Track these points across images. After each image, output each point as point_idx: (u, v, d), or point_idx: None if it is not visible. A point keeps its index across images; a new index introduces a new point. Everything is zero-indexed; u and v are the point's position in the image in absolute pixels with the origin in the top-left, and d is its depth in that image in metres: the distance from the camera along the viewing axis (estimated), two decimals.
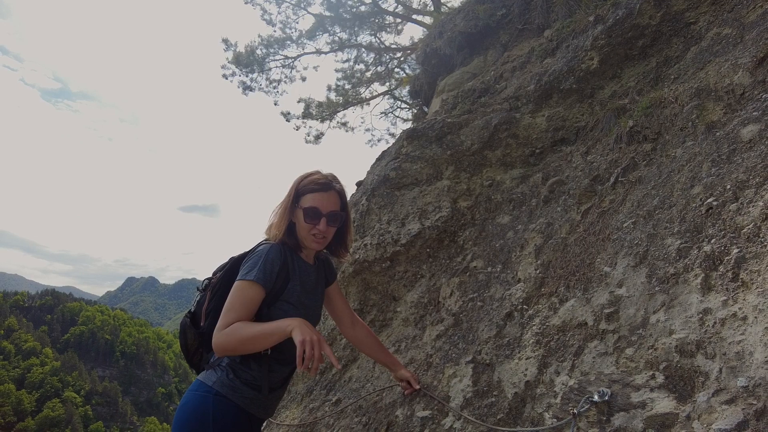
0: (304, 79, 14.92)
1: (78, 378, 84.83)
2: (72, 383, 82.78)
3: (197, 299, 2.00)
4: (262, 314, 1.84)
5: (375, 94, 15.68)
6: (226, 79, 14.00)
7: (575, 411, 1.92)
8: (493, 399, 2.49)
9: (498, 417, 2.36)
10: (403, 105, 15.84)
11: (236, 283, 1.82)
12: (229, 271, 1.95)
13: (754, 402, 1.45)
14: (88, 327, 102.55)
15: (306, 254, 2.04)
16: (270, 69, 14.33)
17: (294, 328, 1.68)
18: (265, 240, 1.98)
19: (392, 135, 16.22)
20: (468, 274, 3.52)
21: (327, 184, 1.95)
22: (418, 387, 2.41)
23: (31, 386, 76.54)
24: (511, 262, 3.28)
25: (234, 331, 1.71)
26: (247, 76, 14.03)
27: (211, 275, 2.05)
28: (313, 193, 1.93)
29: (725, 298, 1.79)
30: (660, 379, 1.84)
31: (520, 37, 5.63)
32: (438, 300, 3.63)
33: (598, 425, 1.89)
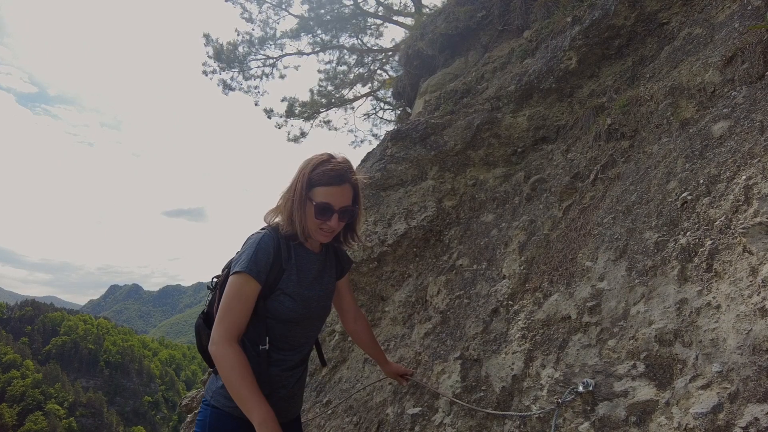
0: (283, 77, 14.84)
1: (61, 390, 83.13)
2: (55, 395, 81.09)
3: (209, 299, 1.92)
4: (258, 307, 1.74)
5: (358, 95, 15.74)
6: (206, 75, 13.85)
7: (559, 400, 1.98)
8: (482, 393, 2.55)
9: (487, 410, 2.41)
10: (386, 106, 15.92)
11: (230, 278, 1.73)
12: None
13: (728, 386, 1.53)
14: (70, 337, 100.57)
15: (311, 243, 1.91)
16: (251, 68, 14.30)
17: (262, 429, 1.55)
18: (262, 228, 1.85)
19: (375, 136, 16.29)
20: (454, 272, 3.57)
21: (342, 176, 1.78)
22: (411, 374, 2.45)
23: (12, 400, 74.75)
24: (495, 259, 3.34)
25: (229, 367, 1.62)
26: (227, 73, 13.94)
27: (220, 273, 1.95)
28: (326, 187, 1.76)
29: (700, 288, 1.87)
30: (641, 368, 1.91)
31: (500, 38, 5.72)
32: (425, 298, 3.68)
33: (584, 415, 1.95)
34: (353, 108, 15.79)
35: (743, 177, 1.97)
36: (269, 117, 14.81)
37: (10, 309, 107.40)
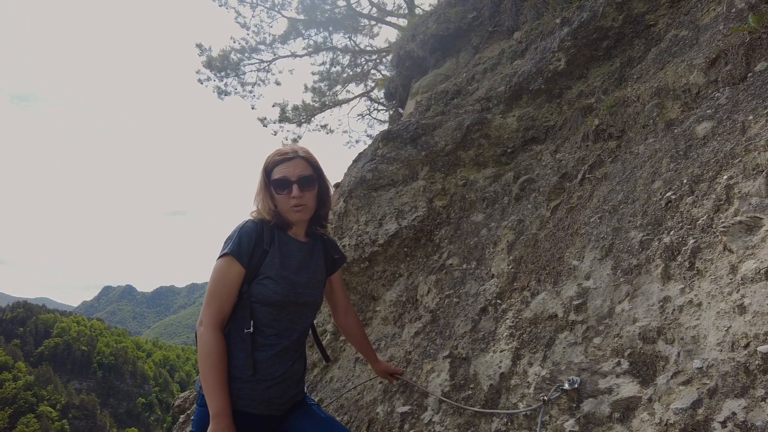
0: (279, 83, 14.90)
1: (53, 392, 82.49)
2: (47, 397, 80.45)
3: None
4: (243, 292, 1.79)
5: (351, 96, 15.74)
6: (202, 83, 13.92)
7: (546, 398, 2.00)
8: (470, 392, 2.57)
9: (475, 409, 2.43)
10: (380, 107, 15.93)
11: (216, 262, 1.79)
12: None
13: (708, 382, 1.55)
14: (63, 339, 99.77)
15: (295, 231, 1.97)
16: (245, 73, 14.30)
17: (215, 421, 1.65)
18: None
19: (370, 136, 16.29)
20: (444, 271, 3.59)
21: (291, 152, 1.91)
22: (401, 373, 2.46)
23: (4, 402, 74.03)
24: (485, 258, 3.37)
25: (206, 354, 1.70)
26: (222, 81, 13.98)
27: None
28: (278, 165, 1.89)
29: (683, 286, 1.90)
30: (625, 365, 1.94)
31: (490, 39, 5.75)
32: (416, 298, 3.70)
33: (569, 412, 1.98)
34: (347, 107, 15.81)
35: (725, 177, 2.00)
36: (265, 125, 14.81)
37: (1, 311, 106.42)
